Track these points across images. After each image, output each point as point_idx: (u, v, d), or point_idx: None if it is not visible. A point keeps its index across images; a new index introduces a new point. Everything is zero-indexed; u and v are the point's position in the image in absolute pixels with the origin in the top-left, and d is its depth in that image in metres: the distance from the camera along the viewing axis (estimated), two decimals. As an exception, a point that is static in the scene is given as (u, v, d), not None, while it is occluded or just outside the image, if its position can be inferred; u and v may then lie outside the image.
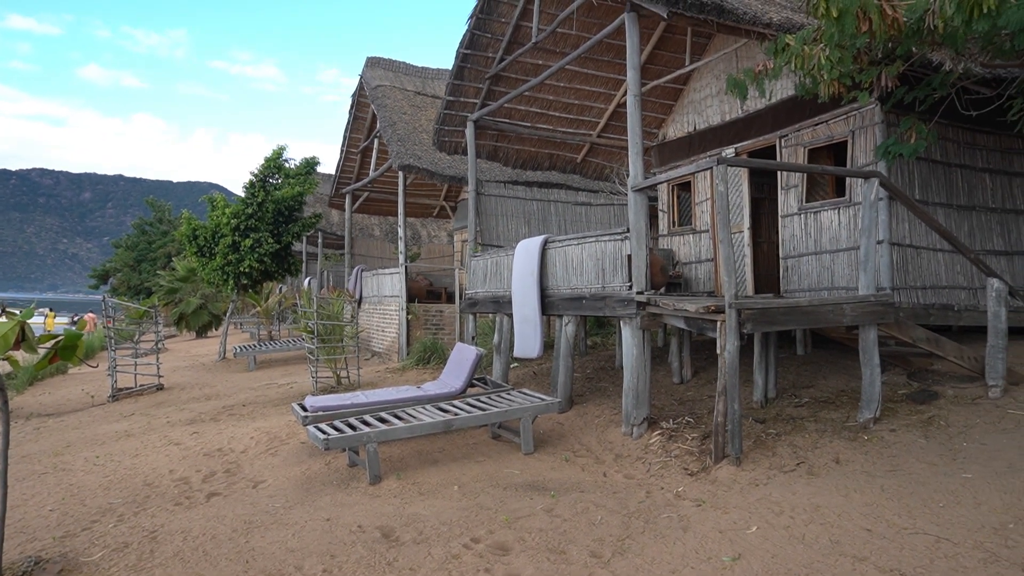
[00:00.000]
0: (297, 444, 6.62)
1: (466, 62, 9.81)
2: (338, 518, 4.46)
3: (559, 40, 9.35)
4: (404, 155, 12.76)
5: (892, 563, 3.27)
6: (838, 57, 5.37)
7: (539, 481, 5.23)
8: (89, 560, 4.00)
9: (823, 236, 7.57)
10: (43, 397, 11.96)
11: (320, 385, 10.33)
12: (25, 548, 4.24)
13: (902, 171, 7.05)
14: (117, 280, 38.58)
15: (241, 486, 5.46)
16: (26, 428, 8.81)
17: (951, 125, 7.25)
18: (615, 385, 8.06)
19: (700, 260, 9.53)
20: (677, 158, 10.07)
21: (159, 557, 3.97)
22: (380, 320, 14.33)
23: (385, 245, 22.14)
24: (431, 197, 18.52)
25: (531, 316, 7.77)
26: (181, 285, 20.94)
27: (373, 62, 15.24)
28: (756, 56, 8.00)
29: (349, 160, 17.06)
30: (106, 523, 4.70)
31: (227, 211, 14.70)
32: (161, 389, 11.84)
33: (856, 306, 5.65)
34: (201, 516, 4.68)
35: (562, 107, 10.69)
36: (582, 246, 7.15)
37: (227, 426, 7.90)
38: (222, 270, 14.87)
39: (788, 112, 8.01)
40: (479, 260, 9.64)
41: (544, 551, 3.79)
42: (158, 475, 5.92)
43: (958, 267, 7.36)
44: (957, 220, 7.42)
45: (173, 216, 38.58)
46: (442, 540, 4.01)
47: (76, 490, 5.59)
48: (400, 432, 5.55)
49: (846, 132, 7.30)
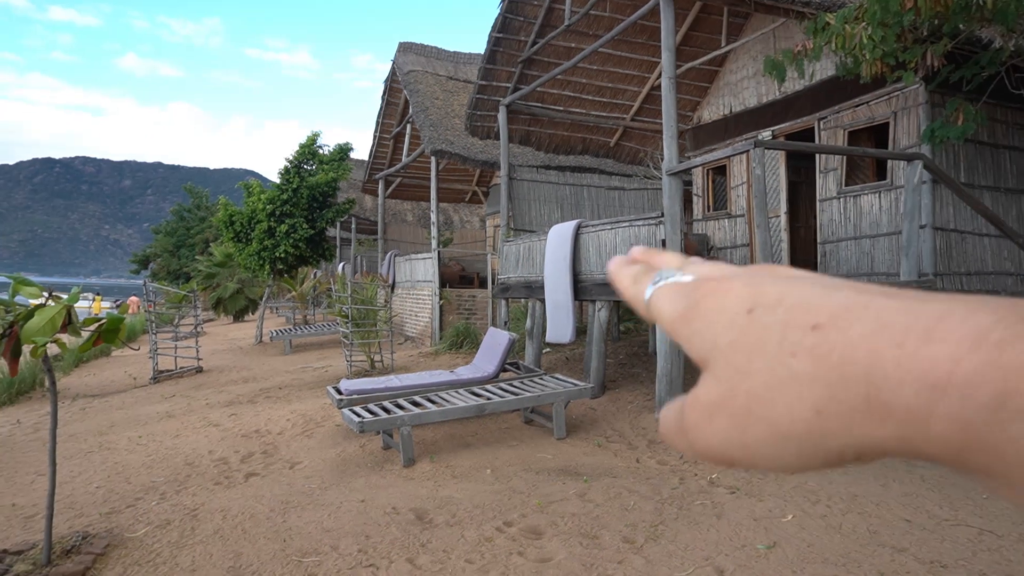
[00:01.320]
0: (332, 427, 6.72)
1: (498, 46, 9.75)
2: (372, 499, 4.52)
3: (592, 22, 9.24)
4: (436, 140, 12.77)
5: (932, 555, 3.21)
6: (881, 36, 5.21)
7: (572, 466, 5.23)
8: (133, 536, 4.12)
9: (863, 220, 7.39)
10: (88, 379, 12.33)
11: (354, 369, 10.46)
12: (73, 523, 4.39)
13: (947, 153, 6.83)
14: (157, 265, 39.52)
15: (278, 467, 5.57)
16: (72, 408, 9.11)
17: (1000, 105, 6.99)
18: (648, 371, 8.01)
19: (735, 245, 9.38)
20: (712, 141, 9.91)
21: (200, 534, 4.07)
22: (413, 305, 14.44)
23: (418, 230, 22.26)
24: (463, 182, 18.53)
25: (563, 301, 7.75)
26: (218, 270, 21.34)
27: (405, 47, 15.24)
28: (795, 36, 7.80)
29: (382, 146, 17.14)
30: (149, 501, 4.83)
31: (263, 197, 14.89)
32: (200, 372, 12.11)
33: (897, 292, 5.52)
34: (240, 495, 4.79)
35: (595, 90, 10.58)
36: (615, 231, 7.10)
37: (264, 408, 8.06)
38: (258, 255, 15.10)
39: (827, 93, 7.81)
40: (511, 245, 9.63)
41: (577, 536, 3.80)
42: (198, 455, 6.07)
43: (1005, 252, 7.13)
44: (1005, 204, 7.18)
45: (210, 202, 39.28)
46: (475, 523, 4.04)
47: (120, 468, 5.76)
48: (433, 416, 5.60)
49: (888, 113, 7.09)
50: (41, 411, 8.86)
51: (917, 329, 0.25)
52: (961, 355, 0.24)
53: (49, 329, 3.38)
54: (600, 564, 3.42)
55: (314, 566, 3.56)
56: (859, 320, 0.27)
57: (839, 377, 0.26)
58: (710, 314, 0.32)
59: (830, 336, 0.27)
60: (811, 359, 0.27)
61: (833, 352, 0.27)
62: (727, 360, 0.31)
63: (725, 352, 0.31)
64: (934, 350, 0.24)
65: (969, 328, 0.24)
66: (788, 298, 0.30)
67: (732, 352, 0.30)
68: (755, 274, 0.33)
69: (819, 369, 0.27)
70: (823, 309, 0.29)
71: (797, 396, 0.28)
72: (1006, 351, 0.23)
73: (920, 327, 0.25)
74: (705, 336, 0.32)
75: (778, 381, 0.28)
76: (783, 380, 0.28)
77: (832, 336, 0.27)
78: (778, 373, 0.28)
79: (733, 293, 0.32)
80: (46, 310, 3.44)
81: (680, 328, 0.34)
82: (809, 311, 0.29)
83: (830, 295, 0.29)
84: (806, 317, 0.29)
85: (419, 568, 3.48)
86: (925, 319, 0.26)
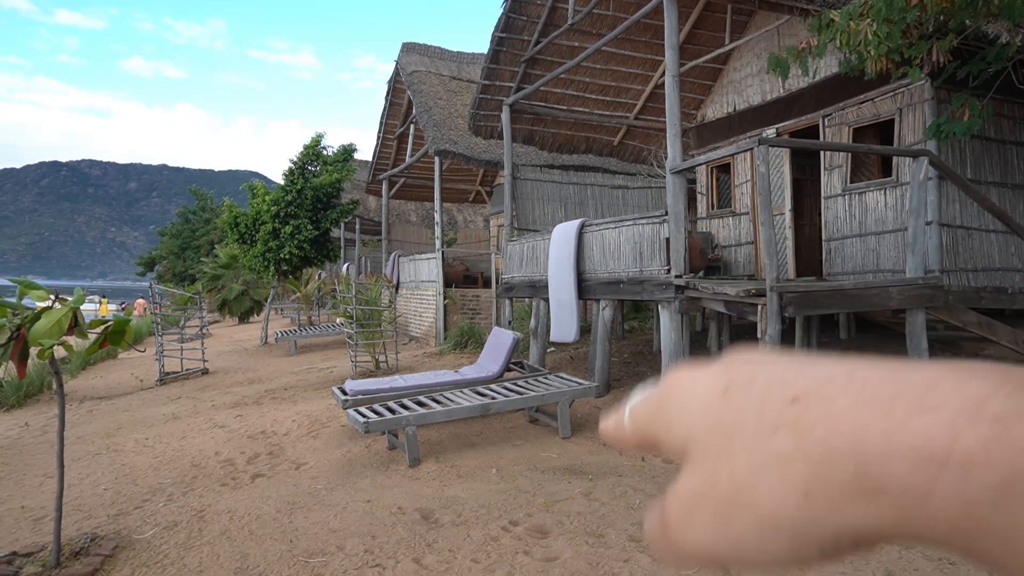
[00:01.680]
0: (337, 427, 6.73)
1: (501, 45, 9.75)
2: (378, 500, 4.53)
3: (595, 21, 9.23)
4: (440, 140, 12.78)
5: (941, 551, 3.19)
6: (886, 32, 5.18)
7: (577, 465, 5.23)
8: (141, 538, 4.13)
9: (868, 217, 7.37)
10: (95, 381, 12.38)
11: (359, 369, 10.47)
12: (82, 525, 4.41)
13: (953, 149, 6.80)
14: (163, 267, 39.65)
15: (284, 468, 5.58)
16: (80, 411, 9.15)
17: (1006, 101, 6.96)
18: (653, 370, 8.00)
19: (739, 243, 9.36)
20: (716, 139, 9.89)
21: (207, 535, 4.09)
22: (417, 305, 14.45)
23: (422, 230, 22.27)
24: (467, 182, 18.54)
25: (567, 300, 7.75)
26: (223, 272, 21.41)
27: (409, 48, 15.24)
28: (799, 33, 7.78)
29: (385, 146, 17.16)
30: (156, 502, 4.85)
31: (267, 198, 14.93)
32: (206, 373, 12.14)
33: (903, 289, 5.49)
34: (246, 496, 4.80)
35: (598, 89, 10.57)
36: (619, 230, 7.09)
37: (270, 409, 8.07)
38: (263, 256, 15.14)
39: (832, 90, 7.78)
40: (515, 245, 9.63)
41: (583, 534, 3.80)
42: (204, 456, 6.09)
43: (1012, 248, 7.09)
44: (1012, 200, 7.14)
45: (215, 204, 39.40)
46: (481, 522, 4.04)
47: (128, 470, 5.78)
48: (438, 416, 5.60)
49: (893, 110, 7.07)
50: (49, 413, 8.90)
51: (906, 398, 0.24)
52: (959, 427, 0.22)
53: (56, 331, 3.40)
54: (606, 563, 3.41)
55: (320, 566, 3.57)
56: (842, 391, 0.25)
57: (825, 454, 0.25)
58: (683, 402, 0.31)
59: (811, 410, 0.26)
60: (793, 435, 0.26)
61: (816, 427, 0.25)
62: (705, 446, 0.29)
63: (702, 438, 0.29)
64: (927, 421, 0.23)
65: (964, 397, 0.23)
66: (762, 374, 0.29)
67: (710, 436, 0.29)
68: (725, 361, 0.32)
69: (803, 446, 0.25)
70: (801, 381, 0.27)
71: (782, 478, 0.26)
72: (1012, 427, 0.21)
73: (909, 396, 0.24)
74: (681, 426, 0.30)
75: (760, 462, 0.26)
76: (766, 461, 0.26)
77: (814, 410, 0.26)
78: (760, 454, 0.27)
79: (705, 377, 0.31)
80: (52, 312, 3.46)
81: (657, 426, 0.32)
82: (786, 384, 0.27)
83: (806, 368, 0.28)
84: (784, 391, 0.27)
85: (425, 568, 3.48)
86: (913, 387, 0.24)
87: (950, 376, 0.24)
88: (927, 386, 0.24)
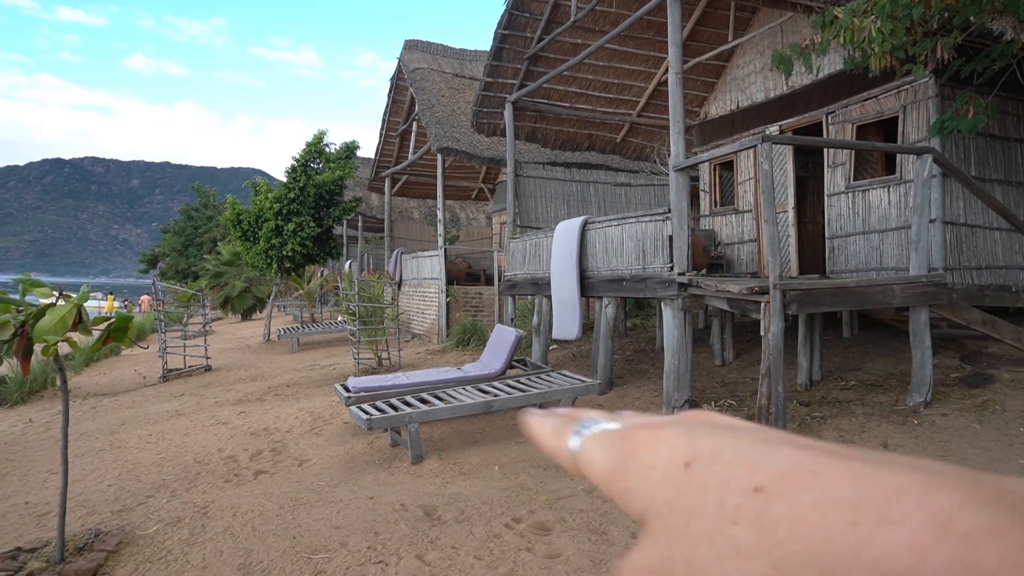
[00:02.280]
0: (340, 424, 6.74)
1: (504, 43, 9.73)
2: (381, 496, 4.53)
3: (598, 18, 9.21)
4: (443, 137, 12.77)
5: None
6: (890, 29, 5.17)
7: (579, 463, 5.23)
8: (145, 534, 4.15)
9: (871, 215, 7.35)
10: (99, 377, 12.41)
11: (362, 366, 10.48)
12: (86, 521, 4.42)
13: (957, 147, 6.78)
14: (166, 264, 39.75)
15: (287, 464, 5.59)
16: (83, 407, 9.18)
17: (1011, 98, 6.93)
18: (656, 367, 8.00)
19: (742, 241, 9.35)
20: (719, 137, 9.87)
21: (210, 532, 4.10)
22: (420, 302, 14.46)
23: (424, 228, 22.28)
24: (470, 179, 18.53)
25: (570, 298, 7.75)
26: (226, 269, 21.44)
27: (411, 45, 15.24)
28: (802, 30, 7.75)
29: (388, 144, 17.15)
30: (160, 498, 4.86)
31: (270, 196, 14.95)
32: (209, 370, 12.17)
33: (907, 287, 5.48)
34: (249, 493, 4.81)
35: (601, 86, 10.55)
36: (622, 227, 7.08)
37: (272, 406, 8.09)
38: (265, 254, 15.16)
39: (835, 88, 7.76)
40: (518, 242, 9.63)
41: (585, 531, 3.80)
42: (208, 453, 6.10)
43: (1016, 246, 7.07)
44: (1016, 198, 7.12)
45: (218, 202, 39.44)
46: (484, 519, 4.05)
47: (131, 466, 5.80)
48: (441, 413, 5.61)
49: (897, 107, 7.05)
50: (52, 410, 8.93)
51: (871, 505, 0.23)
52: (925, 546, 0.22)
53: (60, 328, 3.40)
54: (609, 560, 3.41)
55: (323, 563, 3.57)
56: (807, 487, 0.25)
57: (786, 556, 0.24)
58: (644, 468, 0.30)
59: (774, 506, 0.25)
60: (755, 531, 0.25)
61: (779, 525, 0.24)
62: (664, 522, 0.28)
63: (662, 512, 0.28)
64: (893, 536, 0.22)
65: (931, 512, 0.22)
66: (726, 452, 0.28)
67: (669, 513, 0.28)
68: (690, 423, 0.31)
69: (764, 544, 0.24)
70: (765, 469, 0.26)
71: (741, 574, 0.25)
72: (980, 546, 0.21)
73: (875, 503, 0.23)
74: (641, 492, 0.29)
75: (719, 554, 0.25)
76: (725, 553, 0.25)
77: (777, 506, 0.25)
78: (719, 544, 0.26)
79: (668, 444, 0.30)
80: (56, 309, 3.46)
81: (614, 483, 0.31)
82: (750, 469, 0.27)
83: (772, 452, 0.27)
84: (747, 477, 0.26)
85: (428, 564, 3.49)
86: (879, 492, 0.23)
87: (916, 484, 0.23)
88: (894, 492, 0.23)
